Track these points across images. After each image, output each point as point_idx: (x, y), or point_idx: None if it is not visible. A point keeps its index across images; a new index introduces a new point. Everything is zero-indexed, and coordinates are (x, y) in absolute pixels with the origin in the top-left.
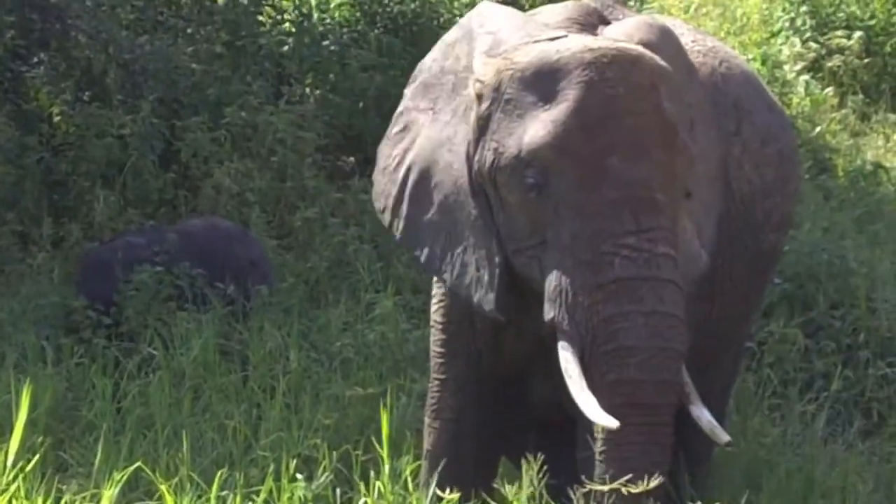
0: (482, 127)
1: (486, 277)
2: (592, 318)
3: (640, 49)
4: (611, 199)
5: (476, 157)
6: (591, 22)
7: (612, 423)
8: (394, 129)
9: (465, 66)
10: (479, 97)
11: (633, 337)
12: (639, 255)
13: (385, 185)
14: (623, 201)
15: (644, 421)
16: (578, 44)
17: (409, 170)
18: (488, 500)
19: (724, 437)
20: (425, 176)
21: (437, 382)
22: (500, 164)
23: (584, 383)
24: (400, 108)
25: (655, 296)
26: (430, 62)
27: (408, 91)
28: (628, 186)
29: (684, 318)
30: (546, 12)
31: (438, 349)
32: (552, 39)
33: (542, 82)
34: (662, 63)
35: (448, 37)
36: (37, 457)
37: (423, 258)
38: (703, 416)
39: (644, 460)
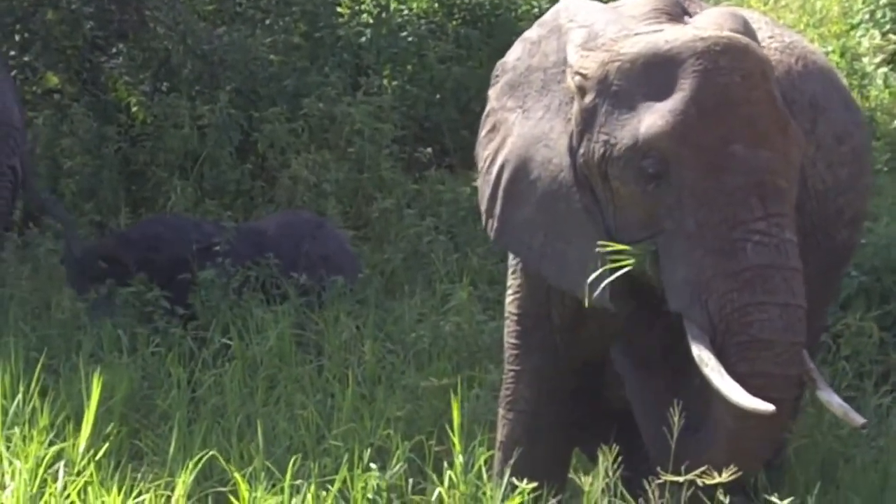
0: (587, 120)
1: (594, 270)
2: (726, 307)
3: (746, 38)
4: (737, 185)
5: (581, 151)
6: (677, 12)
7: (766, 407)
8: (483, 130)
9: (555, 62)
10: (582, 90)
11: (769, 330)
12: (770, 241)
13: (482, 187)
14: (750, 187)
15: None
16: (688, 33)
17: (501, 168)
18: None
19: (859, 419)
20: (521, 173)
21: (511, 374)
22: (613, 156)
23: (722, 370)
24: (486, 110)
25: (787, 287)
26: (514, 61)
27: (492, 92)
28: (753, 173)
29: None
30: (630, 4)
31: (514, 341)
32: (655, 31)
33: (653, 72)
34: (764, 53)
35: (530, 34)
36: (106, 444)
37: (519, 256)
38: (833, 399)
39: (755, 455)
